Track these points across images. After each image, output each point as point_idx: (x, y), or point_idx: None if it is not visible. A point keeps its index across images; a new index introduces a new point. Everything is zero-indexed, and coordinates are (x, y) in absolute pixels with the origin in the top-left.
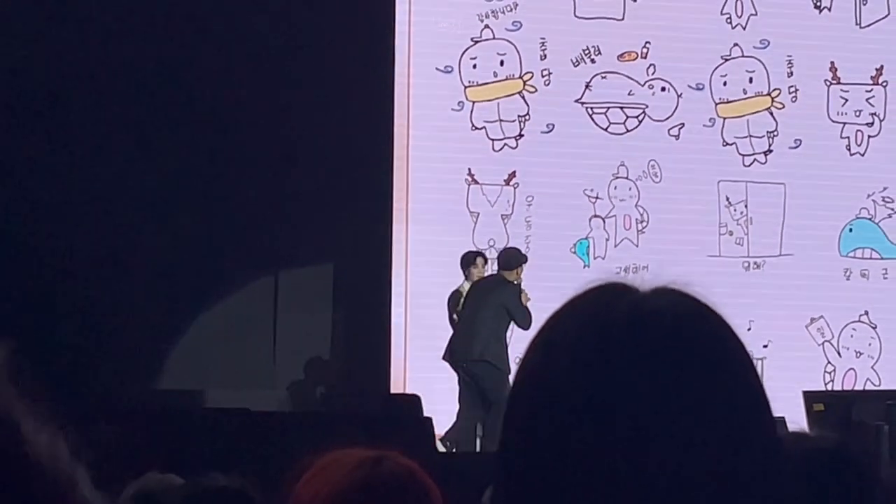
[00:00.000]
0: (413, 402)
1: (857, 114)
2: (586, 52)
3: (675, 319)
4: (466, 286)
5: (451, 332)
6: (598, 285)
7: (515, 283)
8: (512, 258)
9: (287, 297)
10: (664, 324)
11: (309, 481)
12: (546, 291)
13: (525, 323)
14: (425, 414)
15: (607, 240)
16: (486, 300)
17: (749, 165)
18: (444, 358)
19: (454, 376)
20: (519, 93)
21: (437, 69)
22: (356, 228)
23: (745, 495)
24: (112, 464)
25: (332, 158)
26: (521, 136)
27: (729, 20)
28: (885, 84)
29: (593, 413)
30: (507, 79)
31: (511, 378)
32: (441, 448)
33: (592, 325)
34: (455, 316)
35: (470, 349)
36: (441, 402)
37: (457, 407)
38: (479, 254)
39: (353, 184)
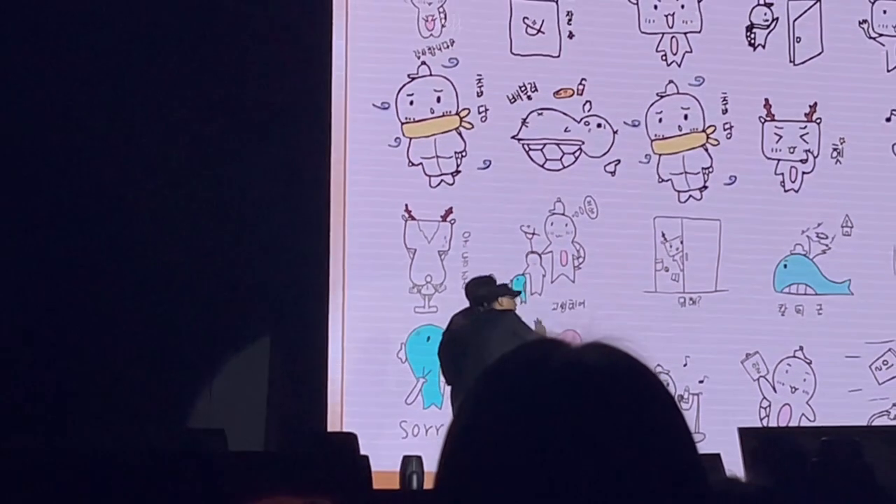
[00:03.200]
0: (349, 440)
1: (792, 150)
2: (522, 88)
3: (607, 375)
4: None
5: (387, 367)
6: (533, 340)
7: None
8: (498, 290)
9: (222, 333)
10: (596, 379)
11: None
12: None
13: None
14: (362, 452)
15: (544, 275)
16: (487, 334)
17: (685, 202)
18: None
19: (391, 416)
20: (456, 129)
21: (373, 105)
22: (292, 264)
23: None
24: None
25: (267, 193)
26: (457, 171)
27: (664, 57)
28: (818, 121)
29: (525, 465)
30: (443, 115)
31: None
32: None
33: (526, 379)
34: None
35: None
36: (378, 441)
37: (394, 447)
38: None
39: (289, 219)
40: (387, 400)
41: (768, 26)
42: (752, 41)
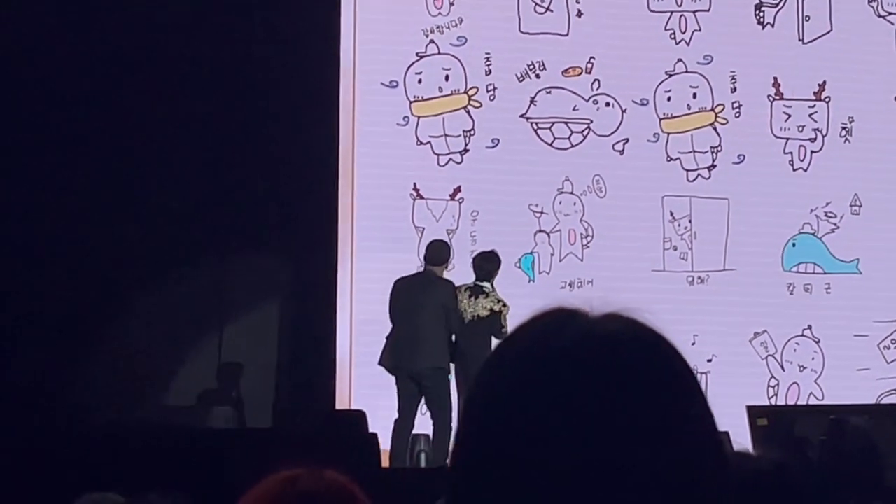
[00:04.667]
0: (357, 418)
1: (800, 129)
2: (531, 67)
3: (624, 344)
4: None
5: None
6: (549, 309)
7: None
8: (442, 252)
9: (232, 311)
10: (614, 348)
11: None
12: None
13: (457, 326)
14: (371, 430)
15: (552, 254)
16: (419, 301)
17: (693, 180)
18: (380, 363)
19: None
20: (464, 108)
21: (382, 84)
22: (302, 243)
23: None
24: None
25: (277, 173)
26: (466, 150)
27: (673, 36)
28: (827, 100)
29: (544, 435)
30: (452, 94)
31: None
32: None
33: (543, 349)
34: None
35: (416, 356)
36: (387, 419)
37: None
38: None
39: (298, 199)
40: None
41: (777, 5)
42: (761, 20)
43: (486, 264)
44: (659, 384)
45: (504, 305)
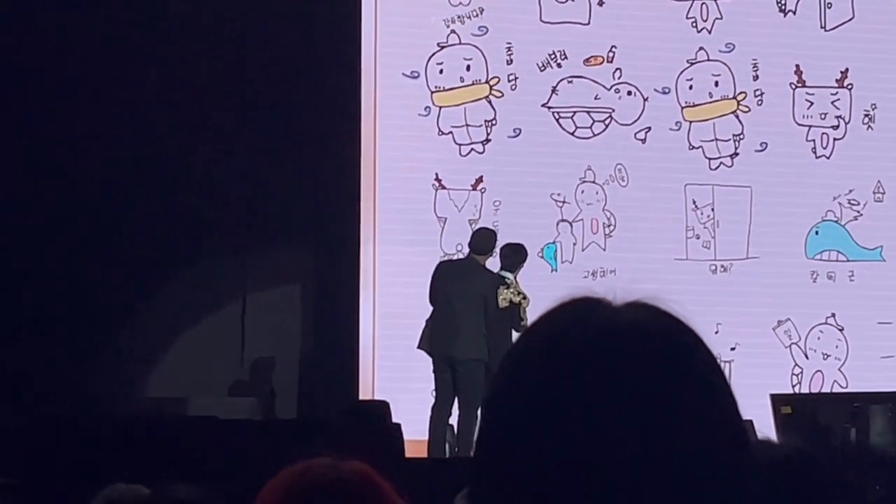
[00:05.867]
0: (381, 408)
1: (823, 117)
2: (552, 56)
3: (649, 333)
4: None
5: (418, 336)
6: (572, 298)
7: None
8: (488, 240)
9: (255, 303)
10: (638, 337)
11: (258, 495)
12: None
13: (495, 319)
14: (394, 420)
15: (574, 244)
16: (460, 289)
17: (715, 169)
18: (419, 346)
19: (423, 382)
20: (486, 97)
21: (403, 74)
22: (325, 234)
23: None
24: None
25: (299, 164)
26: (487, 140)
27: (694, 24)
28: (850, 87)
29: (568, 424)
30: (473, 84)
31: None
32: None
33: (567, 338)
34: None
35: (452, 344)
36: (410, 410)
37: (427, 413)
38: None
39: (320, 190)
40: (418, 370)
41: None
42: (783, 7)
43: (513, 255)
44: (683, 373)
45: (524, 298)
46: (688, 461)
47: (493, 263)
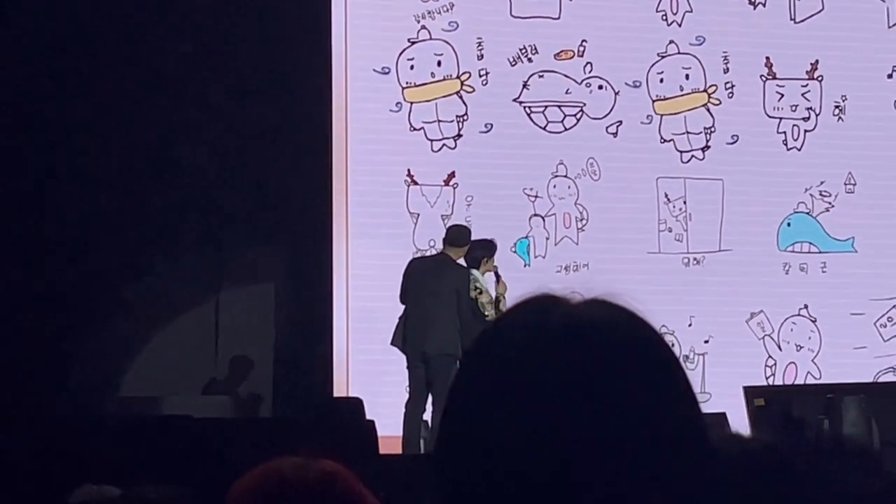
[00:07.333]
0: (355, 405)
1: (794, 108)
2: (523, 51)
3: (607, 330)
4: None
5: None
6: (532, 296)
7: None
8: (461, 236)
9: (229, 301)
10: (596, 335)
11: (227, 494)
12: None
13: (468, 314)
14: (368, 417)
15: (547, 238)
16: (433, 285)
17: (687, 162)
18: (392, 343)
19: (398, 378)
20: (457, 93)
21: (374, 70)
22: (297, 231)
23: (680, 499)
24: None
25: (270, 161)
26: (459, 136)
27: (664, 17)
28: (820, 78)
29: (527, 421)
30: (444, 79)
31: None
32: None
33: (527, 336)
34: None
35: (425, 340)
36: (384, 406)
37: (401, 409)
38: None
39: (292, 187)
40: (392, 366)
41: None
42: (753, 0)
43: (475, 251)
44: (639, 370)
45: (481, 293)
46: (643, 455)
47: None
